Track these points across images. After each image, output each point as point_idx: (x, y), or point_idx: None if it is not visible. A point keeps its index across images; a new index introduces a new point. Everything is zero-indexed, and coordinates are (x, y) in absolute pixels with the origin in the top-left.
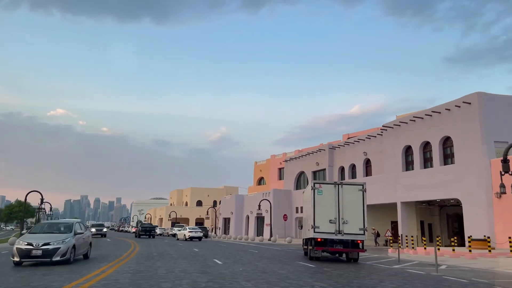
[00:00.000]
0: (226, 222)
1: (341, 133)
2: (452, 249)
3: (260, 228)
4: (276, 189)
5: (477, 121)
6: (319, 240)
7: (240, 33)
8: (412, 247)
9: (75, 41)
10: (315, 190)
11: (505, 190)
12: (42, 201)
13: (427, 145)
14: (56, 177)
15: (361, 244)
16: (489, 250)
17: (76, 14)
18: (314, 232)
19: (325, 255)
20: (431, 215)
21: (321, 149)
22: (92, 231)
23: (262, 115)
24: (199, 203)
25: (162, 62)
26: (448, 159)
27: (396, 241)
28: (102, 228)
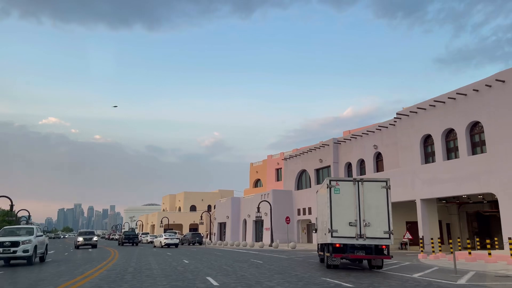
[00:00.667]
0: (222, 227)
1: (335, 136)
2: (488, 253)
3: (259, 233)
4: (276, 190)
5: None
6: (338, 246)
7: (232, 38)
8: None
9: (66, 49)
10: (332, 189)
11: None
12: (12, 208)
13: (451, 133)
14: (49, 186)
15: (387, 250)
16: None
17: (67, 22)
18: (332, 237)
19: (344, 262)
20: (449, 214)
21: (325, 144)
22: (79, 242)
23: (255, 120)
24: (193, 208)
25: (154, 68)
26: (477, 148)
27: (415, 244)
28: (92, 237)
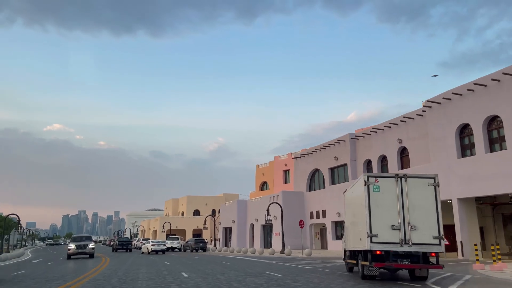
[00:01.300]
0: (227, 233)
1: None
2: None
3: (268, 238)
4: (286, 191)
5: None
6: (379, 254)
7: (235, 43)
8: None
9: (70, 56)
10: (370, 186)
11: None
12: None
13: (494, 121)
14: (54, 192)
15: (436, 258)
16: None
17: (71, 29)
18: (372, 243)
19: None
20: (483, 216)
21: (340, 140)
22: (70, 250)
23: (259, 124)
24: (197, 213)
25: (157, 74)
26: None
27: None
28: (87, 244)
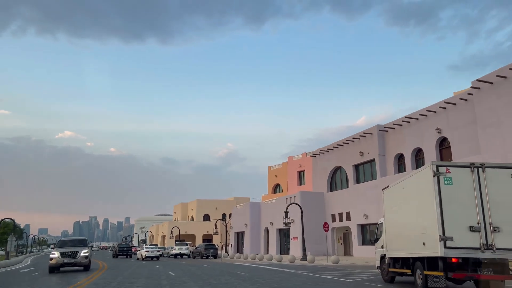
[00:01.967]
0: (239, 238)
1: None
2: None
3: (284, 244)
4: (304, 192)
5: None
6: (454, 261)
7: (244, 50)
8: None
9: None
10: (441, 178)
11: None
12: None
13: None
14: (65, 199)
15: None
16: None
17: (81, 37)
18: (446, 248)
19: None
20: None
21: (367, 133)
22: (52, 258)
23: (268, 130)
24: (206, 217)
25: (167, 81)
26: None
27: None
28: (78, 251)
